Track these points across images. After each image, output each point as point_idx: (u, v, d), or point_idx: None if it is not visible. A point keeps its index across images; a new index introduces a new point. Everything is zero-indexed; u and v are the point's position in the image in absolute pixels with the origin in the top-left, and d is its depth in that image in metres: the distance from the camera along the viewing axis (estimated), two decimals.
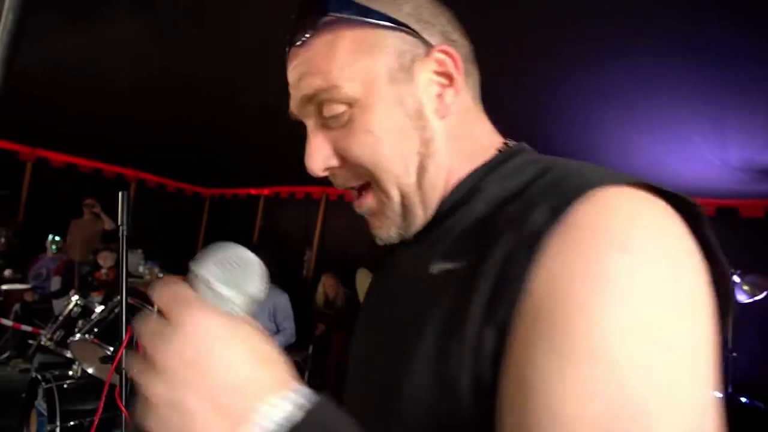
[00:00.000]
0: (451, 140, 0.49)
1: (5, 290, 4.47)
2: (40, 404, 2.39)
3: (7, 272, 4.63)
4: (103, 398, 0.72)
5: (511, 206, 0.43)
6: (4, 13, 1.91)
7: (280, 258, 4.07)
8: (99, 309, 2.46)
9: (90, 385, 2.43)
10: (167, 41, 2.86)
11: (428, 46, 0.47)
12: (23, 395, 2.54)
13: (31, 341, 4.25)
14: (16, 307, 4.41)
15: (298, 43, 0.47)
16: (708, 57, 1.96)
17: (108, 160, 6.37)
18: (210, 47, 2.87)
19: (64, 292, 4.51)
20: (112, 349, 2.10)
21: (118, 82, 3.52)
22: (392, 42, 0.46)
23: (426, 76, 0.47)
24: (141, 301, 2.33)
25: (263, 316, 3.58)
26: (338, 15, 0.46)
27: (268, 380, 0.34)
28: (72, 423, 2.25)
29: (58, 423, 2.19)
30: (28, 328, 3.63)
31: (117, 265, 4.69)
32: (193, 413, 0.32)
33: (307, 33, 0.46)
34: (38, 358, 3.63)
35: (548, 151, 0.50)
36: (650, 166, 3.34)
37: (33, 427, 2.53)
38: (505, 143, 0.52)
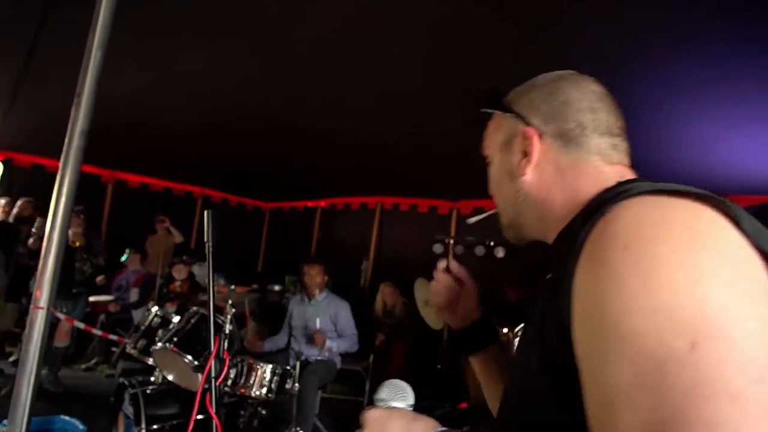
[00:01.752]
0: (541, 190, 0.69)
1: (92, 301, 4.88)
2: (127, 408, 2.59)
3: (100, 278, 5.01)
4: (197, 404, 0.78)
5: (581, 230, 0.55)
6: (94, 51, 2.09)
7: (337, 268, 4.16)
8: (176, 319, 2.63)
9: (170, 391, 2.60)
10: (229, 72, 3.05)
11: (526, 126, 0.70)
12: (112, 399, 2.77)
13: (114, 348, 4.61)
14: (102, 317, 4.80)
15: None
16: None
17: (176, 179, 6.83)
18: (270, 73, 3.03)
19: (141, 303, 4.86)
20: (190, 357, 2.24)
21: (186, 109, 3.78)
22: (506, 124, 0.74)
23: (517, 148, 0.71)
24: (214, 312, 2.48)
25: (325, 323, 3.67)
26: (491, 110, 0.77)
27: (422, 427, 0.66)
28: (155, 426, 2.41)
29: (143, 426, 2.36)
30: (114, 337, 3.93)
31: (190, 277, 4.99)
32: None
33: (482, 117, 0.80)
34: (121, 364, 3.92)
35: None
36: (733, 160, 3.14)
37: (121, 428, 2.74)
38: (614, 185, 0.65)
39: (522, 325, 1.99)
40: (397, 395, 0.73)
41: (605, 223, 0.48)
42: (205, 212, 1.18)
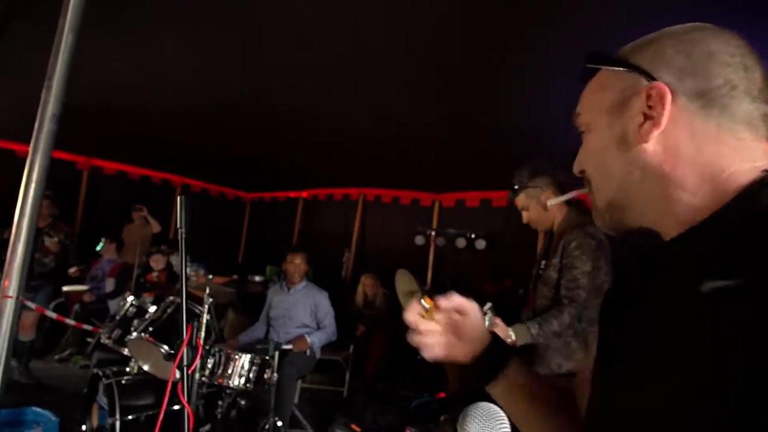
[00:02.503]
0: (666, 163, 0.55)
1: (66, 291, 4.77)
2: (101, 399, 2.55)
3: (72, 269, 4.89)
4: (168, 393, 0.78)
5: None
6: (65, 33, 2.04)
7: (319, 259, 4.14)
8: (152, 309, 2.59)
9: (145, 382, 2.56)
10: (209, 56, 2.99)
11: (653, 82, 0.56)
12: (85, 390, 2.72)
13: (89, 339, 4.52)
14: (76, 307, 4.69)
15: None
16: None
17: (155, 166, 6.69)
18: (250, 60, 2.97)
19: (117, 293, 4.77)
20: (166, 347, 2.21)
21: (164, 95, 3.69)
22: (619, 82, 0.59)
23: (636, 108, 0.57)
24: (191, 302, 2.45)
25: (304, 312, 3.66)
26: (596, 65, 0.63)
27: None
28: (130, 417, 2.38)
29: (117, 417, 2.32)
30: (89, 327, 3.86)
31: (167, 267, 4.91)
32: None
33: (585, 75, 0.65)
34: (96, 355, 3.85)
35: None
36: None
37: (95, 419, 2.70)
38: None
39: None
40: (494, 427, 0.58)
41: None
42: (178, 198, 1.16)
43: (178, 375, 1.25)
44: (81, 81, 3.29)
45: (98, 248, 5.21)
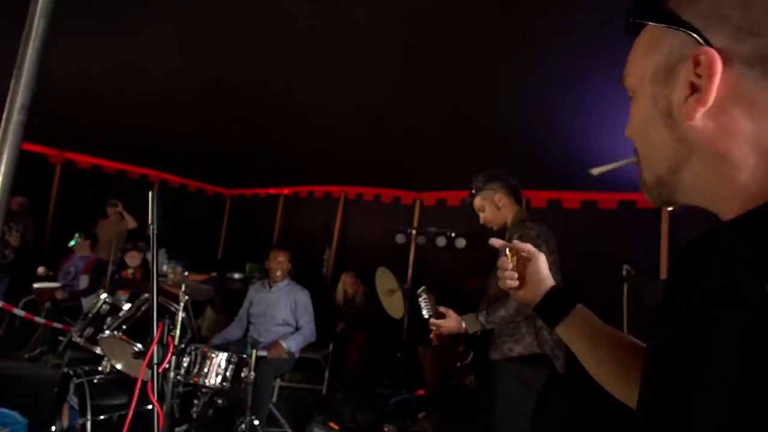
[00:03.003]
0: (720, 141, 0.47)
1: (37, 288, 4.62)
2: (72, 398, 2.48)
3: (41, 269, 4.76)
4: (137, 392, 0.76)
5: None
6: (36, 19, 1.98)
7: (300, 257, 4.11)
8: (126, 307, 2.54)
9: (118, 381, 2.51)
10: (190, 48, 2.93)
11: (703, 46, 0.47)
12: (55, 390, 2.64)
13: (61, 338, 4.39)
14: (48, 304, 4.56)
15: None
16: None
17: (132, 161, 6.54)
18: (232, 52, 2.92)
19: (92, 291, 4.65)
20: (140, 345, 2.17)
21: (142, 87, 3.61)
22: (669, 42, 0.50)
23: (683, 77, 0.48)
24: (167, 299, 2.40)
25: (285, 310, 3.63)
26: (644, 20, 0.54)
27: None
28: (102, 417, 2.32)
29: (88, 417, 2.27)
30: (60, 326, 3.75)
31: (143, 264, 4.81)
32: None
33: (632, 31, 0.56)
34: (68, 354, 3.75)
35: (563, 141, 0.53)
36: None
37: (65, 420, 2.63)
38: None
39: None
40: None
41: None
42: (150, 192, 1.13)
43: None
44: (55, 69, 3.21)
45: (71, 244, 5.07)
